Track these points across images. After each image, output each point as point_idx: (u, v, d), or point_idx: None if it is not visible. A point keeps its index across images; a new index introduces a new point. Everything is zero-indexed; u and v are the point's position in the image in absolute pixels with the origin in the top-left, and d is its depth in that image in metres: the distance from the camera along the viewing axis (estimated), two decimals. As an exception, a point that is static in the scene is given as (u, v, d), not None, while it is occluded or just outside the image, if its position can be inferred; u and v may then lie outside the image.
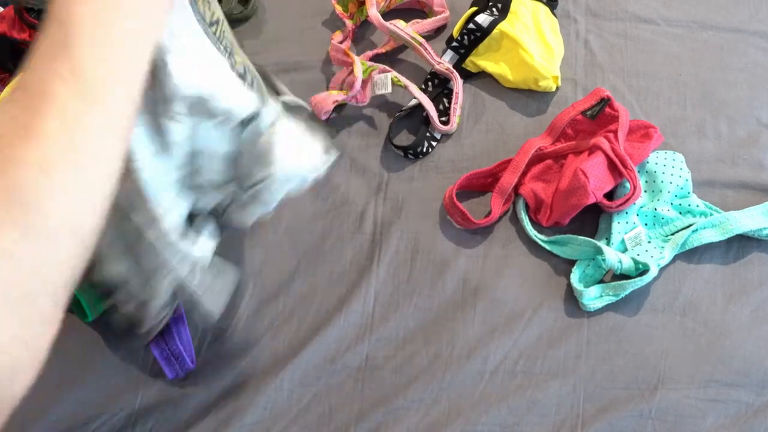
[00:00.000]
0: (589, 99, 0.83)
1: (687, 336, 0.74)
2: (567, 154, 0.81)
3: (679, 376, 0.72)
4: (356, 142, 0.89)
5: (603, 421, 0.70)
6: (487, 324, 0.75)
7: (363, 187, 0.85)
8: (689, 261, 0.78)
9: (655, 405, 0.70)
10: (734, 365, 0.72)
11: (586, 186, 0.74)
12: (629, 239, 0.76)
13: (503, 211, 0.82)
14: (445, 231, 0.81)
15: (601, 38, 0.95)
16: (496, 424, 0.70)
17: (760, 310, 0.75)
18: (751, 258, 0.78)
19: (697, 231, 0.77)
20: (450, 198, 0.80)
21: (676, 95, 0.90)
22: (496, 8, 0.90)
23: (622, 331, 0.74)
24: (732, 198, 0.82)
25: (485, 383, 0.72)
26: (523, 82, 0.89)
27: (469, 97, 0.91)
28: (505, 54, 0.90)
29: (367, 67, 0.87)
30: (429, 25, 0.95)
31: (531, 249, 0.80)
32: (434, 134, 0.87)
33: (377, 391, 0.73)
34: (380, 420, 0.71)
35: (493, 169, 0.83)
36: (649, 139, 0.79)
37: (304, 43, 0.98)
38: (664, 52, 0.93)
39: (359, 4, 0.95)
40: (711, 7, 0.97)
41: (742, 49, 0.93)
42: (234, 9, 0.99)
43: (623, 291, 0.74)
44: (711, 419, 0.69)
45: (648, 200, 0.79)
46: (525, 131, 0.87)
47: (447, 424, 0.70)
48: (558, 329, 0.75)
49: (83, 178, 0.35)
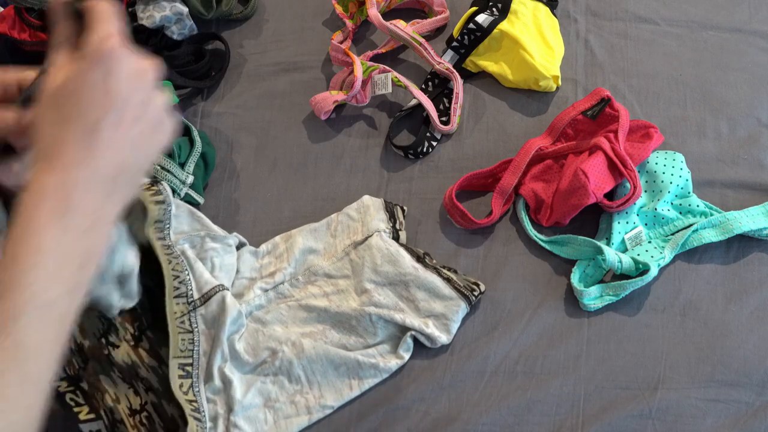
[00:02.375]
0: (590, 99, 0.83)
1: (687, 336, 0.74)
2: (567, 154, 0.81)
3: (679, 376, 0.72)
4: (356, 142, 0.89)
5: (603, 421, 0.70)
6: (487, 324, 0.75)
7: (363, 187, 0.85)
8: (689, 261, 0.78)
9: (655, 405, 0.70)
10: (734, 365, 0.72)
11: (586, 186, 0.74)
12: (629, 239, 0.76)
13: (503, 211, 0.82)
14: (445, 231, 0.81)
15: (601, 38, 0.95)
16: (496, 424, 0.70)
17: (760, 310, 0.75)
18: (751, 258, 0.78)
19: (697, 231, 0.77)
20: (450, 198, 0.80)
21: (676, 95, 0.90)
22: (496, 8, 0.90)
23: (622, 331, 0.74)
24: (732, 198, 0.82)
25: (485, 383, 0.72)
26: (524, 82, 0.89)
27: (470, 97, 0.91)
28: (506, 54, 0.90)
29: (367, 67, 0.87)
30: (429, 25, 0.95)
31: (531, 249, 0.80)
32: (434, 134, 0.87)
33: (377, 391, 0.73)
34: (380, 420, 0.71)
35: (494, 169, 0.83)
36: (650, 139, 0.79)
37: (304, 43, 0.98)
38: (664, 52, 0.93)
39: (359, 4, 0.95)
40: (711, 7, 0.97)
41: (742, 49, 0.93)
42: (234, 9, 0.99)
43: (623, 291, 0.74)
44: (711, 419, 0.69)
45: (648, 200, 0.79)
46: (525, 131, 0.87)
47: (447, 424, 0.70)
48: (558, 329, 0.75)
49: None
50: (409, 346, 0.73)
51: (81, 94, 0.41)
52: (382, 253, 0.75)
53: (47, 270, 0.39)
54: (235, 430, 0.68)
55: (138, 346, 0.69)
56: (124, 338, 0.69)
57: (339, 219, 0.80)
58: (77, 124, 0.41)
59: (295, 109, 0.92)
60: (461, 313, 0.74)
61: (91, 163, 0.41)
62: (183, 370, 0.66)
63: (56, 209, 0.40)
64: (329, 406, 0.71)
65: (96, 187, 0.42)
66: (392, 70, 0.88)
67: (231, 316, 0.70)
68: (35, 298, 0.39)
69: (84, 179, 0.41)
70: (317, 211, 0.84)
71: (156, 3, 0.91)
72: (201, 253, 0.73)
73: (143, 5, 0.92)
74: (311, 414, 0.71)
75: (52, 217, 0.40)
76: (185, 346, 0.67)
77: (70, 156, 0.41)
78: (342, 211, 0.81)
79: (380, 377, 0.72)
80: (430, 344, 0.73)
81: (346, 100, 0.87)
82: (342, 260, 0.77)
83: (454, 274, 0.76)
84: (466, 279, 0.75)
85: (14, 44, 0.92)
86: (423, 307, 0.74)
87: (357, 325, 0.74)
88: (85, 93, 0.41)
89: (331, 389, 0.71)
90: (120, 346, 0.68)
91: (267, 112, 0.93)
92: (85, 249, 0.42)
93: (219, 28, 1.00)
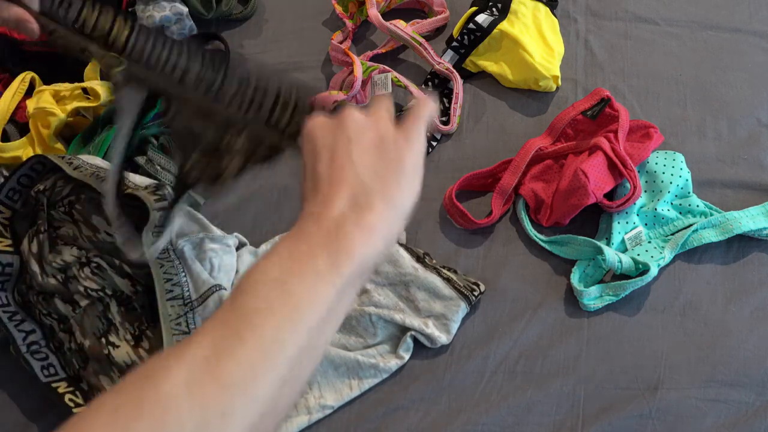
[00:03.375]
0: (590, 99, 0.83)
1: (687, 336, 0.74)
2: (567, 154, 0.81)
3: (679, 376, 0.72)
4: (356, 142, 0.89)
5: (603, 421, 0.69)
6: (487, 324, 0.75)
7: (363, 187, 0.85)
8: (689, 261, 0.78)
9: (655, 405, 0.70)
10: (734, 365, 0.72)
11: (586, 186, 0.74)
12: (629, 239, 0.76)
13: (503, 211, 0.82)
14: (445, 231, 0.81)
15: (601, 38, 0.95)
16: (496, 424, 0.70)
17: (760, 310, 0.75)
18: (751, 258, 0.78)
19: (697, 231, 0.77)
20: (450, 198, 0.80)
21: (676, 95, 0.90)
22: (496, 8, 0.90)
23: (622, 331, 0.74)
24: (732, 198, 0.82)
25: (485, 383, 0.72)
26: (524, 82, 0.89)
27: (469, 97, 0.91)
28: (506, 54, 0.90)
29: (367, 67, 0.87)
30: (429, 25, 0.95)
31: (531, 249, 0.80)
32: (434, 134, 0.87)
33: (377, 391, 0.72)
34: (380, 420, 0.71)
35: (494, 169, 0.83)
36: (650, 139, 0.79)
37: (304, 43, 0.98)
38: (664, 52, 0.93)
39: (359, 4, 0.95)
40: (711, 7, 0.97)
41: (742, 49, 0.93)
42: (234, 9, 0.99)
43: (623, 291, 0.74)
44: (711, 419, 0.69)
45: (648, 200, 0.79)
46: (525, 131, 0.87)
47: (447, 424, 0.70)
48: (558, 329, 0.75)
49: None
50: (409, 346, 0.73)
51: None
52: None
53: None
54: None
55: (138, 346, 0.69)
56: (124, 338, 0.69)
57: None
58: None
59: (295, 109, 0.92)
60: (461, 313, 0.74)
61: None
62: None
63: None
64: (329, 406, 0.71)
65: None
66: (392, 70, 0.88)
67: None
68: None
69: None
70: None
71: (156, 3, 0.91)
72: (200, 254, 0.73)
73: (143, 5, 0.92)
74: (311, 414, 0.71)
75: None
76: None
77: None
78: None
79: (380, 377, 0.72)
80: (430, 344, 0.73)
81: (346, 100, 0.87)
82: None
83: (454, 274, 0.76)
84: (466, 279, 0.75)
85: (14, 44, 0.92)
86: (423, 308, 0.74)
87: (357, 325, 0.74)
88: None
89: (330, 389, 0.71)
90: (120, 346, 0.68)
91: (267, 112, 0.93)
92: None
93: (219, 28, 1.00)
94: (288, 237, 0.40)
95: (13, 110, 0.86)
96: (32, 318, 0.72)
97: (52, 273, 0.70)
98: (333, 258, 0.39)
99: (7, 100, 0.84)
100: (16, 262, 0.72)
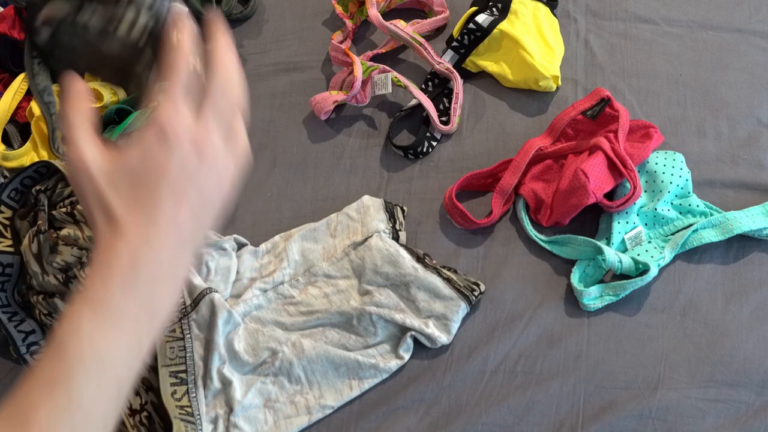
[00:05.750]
0: (590, 99, 0.83)
1: (687, 336, 0.74)
2: (567, 154, 0.81)
3: (679, 376, 0.72)
4: (356, 142, 0.89)
5: (603, 421, 0.70)
6: (487, 324, 0.75)
7: (363, 187, 0.85)
8: (689, 261, 0.78)
9: (655, 405, 0.70)
10: (734, 365, 0.72)
11: (586, 186, 0.74)
12: (629, 239, 0.76)
13: (503, 211, 0.82)
14: (445, 231, 0.81)
15: (601, 38, 0.95)
16: (496, 424, 0.70)
17: (760, 310, 0.75)
18: (751, 258, 0.78)
19: (697, 231, 0.77)
20: (450, 198, 0.80)
21: (676, 95, 0.90)
22: (496, 8, 0.90)
23: (622, 331, 0.74)
24: (732, 198, 0.82)
25: (485, 383, 0.72)
26: (524, 82, 0.89)
27: (469, 97, 0.91)
28: (506, 54, 0.90)
29: (367, 67, 0.87)
30: (429, 25, 0.95)
31: (531, 249, 0.80)
32: (434, 134, 0.87)
33: (377, 391, 0.73)
34: (380, 420, 0.71)
35: (494, 169, 0.83)
36: (650, 139, 0.79)
37: (304, 43, 0.98)
38: (664, 52, 0.93)
39: (359, 4, 0.95)
40: (711, 7, 0.97)
41: (742, 49, 0.93)
42: (234, 9, 0.99)
43: (623, 291, 0.74)
44: (711, 419, 0.69)
45: (648, 200, 0.79)
46: (525, 131, 0.87)
47: (447, 424, 0.70)
48: (558, 329, 0.75)
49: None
50: (409, 346, 0.73)
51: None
52: (382, 254, 0.75)
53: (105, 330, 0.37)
54: (235, 430, 0.68)
55: None
56: None
57: (339, 219, 0.80)
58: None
59: (295, 109, 0.92)
60: (461, 313, 0.74)
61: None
62: (176, 377, 0.67)
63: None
64: (329, 407, 0.71)
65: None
66: (392, 70, 0.88)
67: (222, 317, 0.70)
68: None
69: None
70: (317, 211, 0.84)
71: (156, 3, 0.91)
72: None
73: (143, 5, 0.92)
74: (311, 414, 0.71)
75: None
76: (175, 353, 0.68)
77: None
78: (342, 211, 0.81)
79: (380, 377, 0.72)
80: (430, 344, 0.73)
81: (346, 100, 0.87)
82: (341, 261, 0.77)
83: (454, 274, 0.76)
84: (466, 279, 0.75)
85: (14, 44, 0.92)
86: (423, 308, 0.74)
87: (357, 325, 0.74)
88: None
89: (331, 389, 0.71)
90: (120, 347, 0.69)
91: (267, 112, 0.93)
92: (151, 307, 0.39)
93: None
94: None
95: (13, 110, 0.86)
96: (32, 318, 0.72)
97: (53, 273, 0.70)
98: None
99: (8, 100, 0.85)
100: (17, 262, 0.72)
